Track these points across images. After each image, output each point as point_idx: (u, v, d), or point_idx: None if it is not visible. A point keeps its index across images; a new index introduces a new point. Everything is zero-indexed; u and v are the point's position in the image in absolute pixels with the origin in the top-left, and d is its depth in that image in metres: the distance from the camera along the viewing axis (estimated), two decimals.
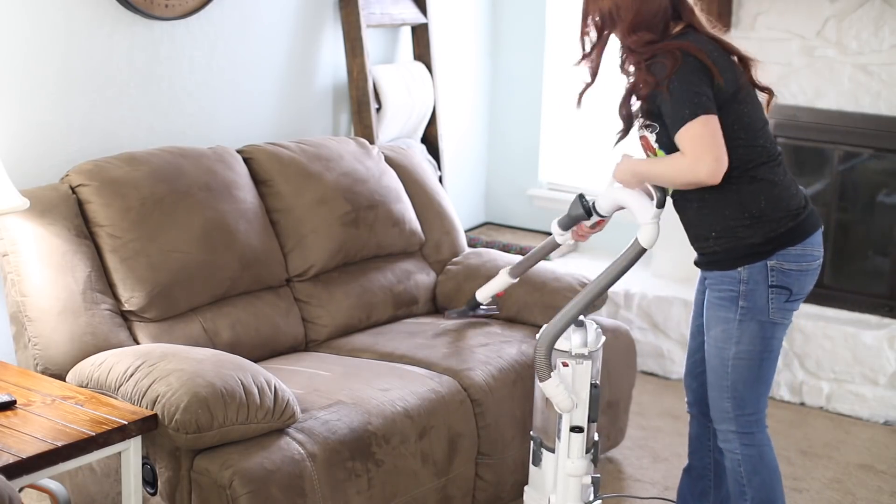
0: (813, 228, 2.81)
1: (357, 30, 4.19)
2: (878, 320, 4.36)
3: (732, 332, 2.80)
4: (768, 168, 2.77)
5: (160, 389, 2.73)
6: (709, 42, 2.74)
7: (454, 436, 3.17)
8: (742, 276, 2.76)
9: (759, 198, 2.75)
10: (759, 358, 2.81)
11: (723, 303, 2.81)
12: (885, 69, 4.26)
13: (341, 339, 3.59)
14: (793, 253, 2.76)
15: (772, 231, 2.75)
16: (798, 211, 2.79)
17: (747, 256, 2.76)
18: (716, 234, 2.79)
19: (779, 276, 2.76)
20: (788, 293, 2.78)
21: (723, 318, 2.81)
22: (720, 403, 2.86)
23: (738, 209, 2.75)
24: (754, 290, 2.76)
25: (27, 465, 2.45)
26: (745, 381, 2.82)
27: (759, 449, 2.87)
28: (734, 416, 2.85)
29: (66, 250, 3.08)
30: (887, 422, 4.24)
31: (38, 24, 3.26)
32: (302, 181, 3.63)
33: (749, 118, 2.75)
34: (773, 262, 2.75)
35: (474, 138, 5.24)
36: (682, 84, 2.63)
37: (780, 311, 2.79)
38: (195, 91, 3.75)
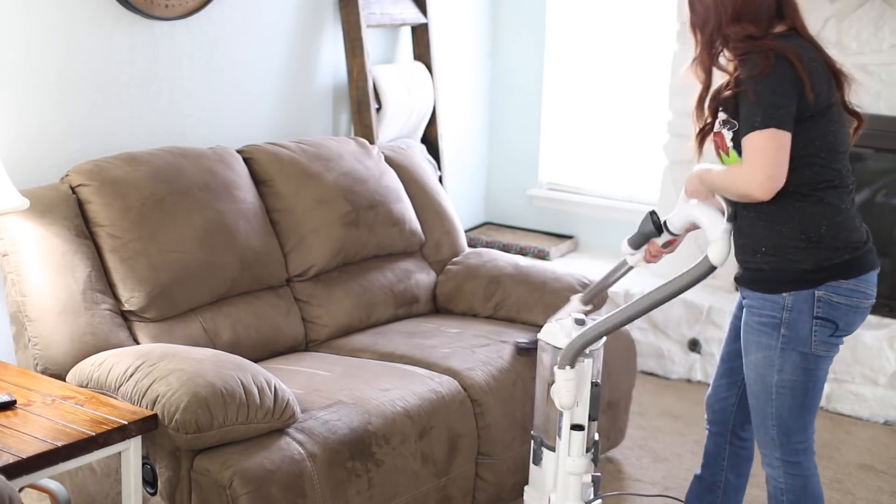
0: (870, 266, 2.66)
1: (357, 30, 4.19)
2: (878, 320, 4.36)
3: (774, 359, 2.65)
4: (837, 194, 2.61)
5: (160, 389, 2.73)
6: (811, 49, 2.60)
7: (454, 436, 3.17)
8: (786, 302, 2.61)
9: (821, 221, 2.59)
10: (804, 389, 2.66)
11: (764, 329, 2.65)
12: (885, 69, 4.26)
13: (341, 339, 3.59)
14: (844, 287, 2.60)
15: (826, 259, 2.59)
16: (858, 245, 2.63)
17: (795, 282, 2.60)
18: (765, 250, 2.63)
19: (826, 308, 2.60)
20: (834, 327, 2.62)
21: (764, 344, 2.66)
22: (765, 431, 2.73)
23: (796, 228, 2.59)
24: (797, 320, 2.61)
25: (27, 465, 2.45)
26: (790, 409, 2.68)
27: (805, 479, 2.74)
28: (779, 444, 2.72)
29: (66, 250, 3.08)
30: (887, 422, 4.24)
31: (39, 24, 3.26)
32: (302, 181, 3.63)
33: (834, 137, 2.60)
34: (822, 293, 2.59)
35: (474, 138, 5.24)
36: (767, 88, 2.49)
37: (825, 345, 2.64)
38: (195, 91, 3.75)
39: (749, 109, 2.50)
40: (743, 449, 3.00)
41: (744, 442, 2.99)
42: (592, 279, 3.80)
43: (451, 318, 3.80)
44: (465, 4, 5.00)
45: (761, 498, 3.62)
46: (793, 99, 2.50)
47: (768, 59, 2.50)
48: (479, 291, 3.83)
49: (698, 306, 4.53)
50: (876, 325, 4.31)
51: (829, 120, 2.59)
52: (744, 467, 3.01)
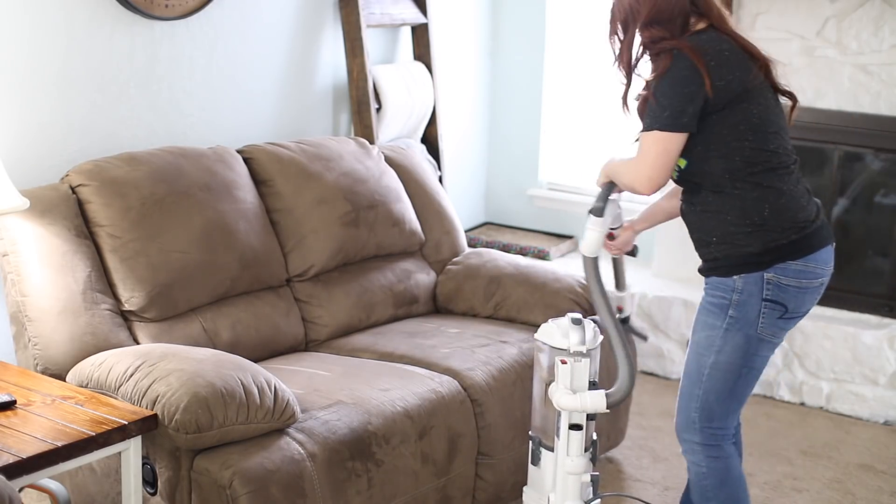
0: (820, 244, 2.71)
1: (357, 30, 4.19)
2: (878, 320, 4.36)
3: (716, 340, 2.72)
4: (776, 175, 2.69)
5: (160, 389, 2.73)
6: (724, 41, 2.67)
7: (454, 436, 3.17)
8: (736, 285, 2.68)
9: (763, 205, 2.67)
10: (737, 373, 2.72)
11: (712, 309, 2.73)
12: (885, 69, 4.26)
13: (341, 339, 3.59)
14: (793, 267, 2.67)
15: (772, 241, 2.66)
16: (805, 224, 2.69)
17: (744, 265, 2.68)
18: (717, 240, 2.72)
19: (775, 290, 2.67)
20: (783, 309, 2.69)
21: (710, 324, 2.73)
22: (688, 414, 2.79)
23: (740, 215, 2.67)
24: (746, 302, 2.68)
25: (27, 465, 2.45)
26: (717, 392, 2.74)
27: (726, 461, 2.79)
28: (699, 428, 2.77)
29: (66, 250, 3.08)
30: (887, 422, 4.24)
31: (39, 24, 3.26)
32: (302, 181, 3.63)
33: (759, 119, 2.67)
34: (770, 275, 2.66)
35: (474, 138, 5.24)
36: (661, 90, 2.62)
37: (771, 328, 2.70)
38: (195, 91, 3.75)
39: (649, 108, 2.66)
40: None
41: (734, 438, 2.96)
42: None
43: (451, 318, 3.79)
44: (465, 4, 5.00)
45: (761, 498, 3.63)
46: (689, 98, 2.61)
47: (667, 59, 2.62)
48: (479, 291, 3.83)
49: None
50: (876, 325, 4.31)
51: (750, 103, 2.65)
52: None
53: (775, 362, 4.42)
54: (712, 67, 2.61)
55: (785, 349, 4.39)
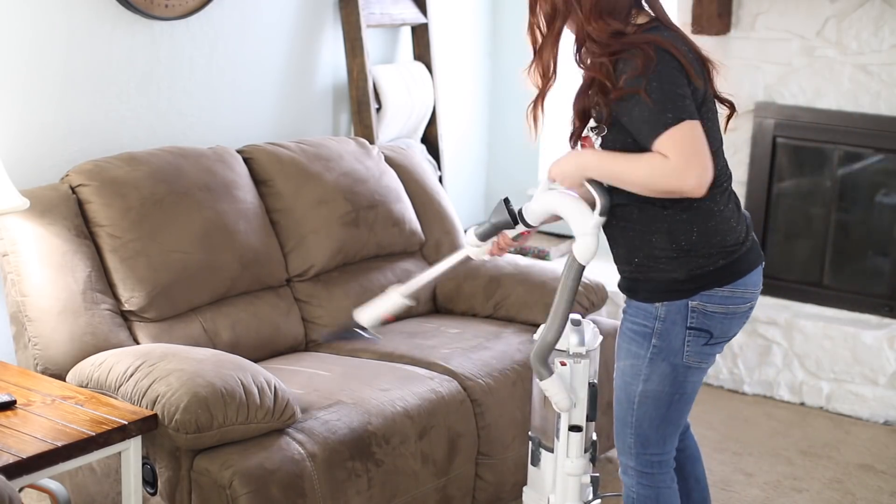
0: (748, 268, 2.50)
1: (357, 30, 4.19)
2: (878, 320, 4.36)
3: (641, 368, 2.53)
4: (710, 195, 2.39)
5: (160, 389, 2.73)
6: (680, 40, 2.41)
7: (454, 436, 3.17)
8: (659, 312, 2.48)
9: (692, 229, 2.42)
10: (668, 400, 2.55)
11: (635, 337, 2.54)
12: (885, 69, 4.26)
13: (341, 339, 3.59)
14: (720, 294, 2.46)
15: (698, 268, 2.44)
16: (734, 248, 2.47)
17: (667, 292, 2.46)
18: (638, 261, 2.50)
19: (699, 317, 2.47)
20: (708, 336, 2.49)
21: (633, 352, 2.55)
22: (624, 439, 2.65)
23: (666, 238, 2.44)
24: (670, 330, 2.48)
25: (27, 465, 2.46)
26: (650, 420, 2.58)
27: (657, 491, 2.66)
28: (636, 454, 2.64)
29: (66, 250, 3.08)
30: (887, 422, 4.24)
31: (39, 24, 3.26)
32: (302, 181, 3.63)
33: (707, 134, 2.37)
34: (696, 303, 2.45)
35: (474, 138, 5.24)
36: (663, 84, 2.30)
37: (697, 355, 2.51)
38: (195, 91, 3.75)
39: (649, 111, 2.29)
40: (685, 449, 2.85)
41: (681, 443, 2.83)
42: (592, 279, 3.80)
43: (451, 318, 3.79)
44: (465, 4, 4.99)
45: (761, 498, 3.63)
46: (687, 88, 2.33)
47: (647, 55, 2.30)
48: (479, 291, 3.83)
49: None
50: (876, 325, 4.31)
51: (703, 115, 2.38)
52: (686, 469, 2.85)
53: (775, 362, 4.42)
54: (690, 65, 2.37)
55: (785, 349, 4.39)
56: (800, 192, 4.61)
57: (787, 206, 4.60)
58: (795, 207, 4.60)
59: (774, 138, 4.52)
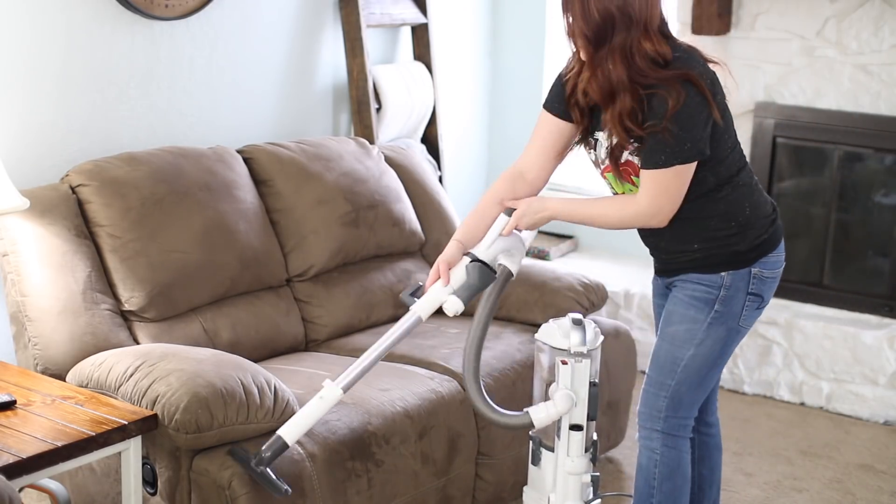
0: (782, 232, 2.79)
1: (357, 30, 4.19)
2: (878, 320, 4.36)
3: (698, 333, 2.72)
4: (746, 172, 2.72)
5: (160, 389, 2.73)
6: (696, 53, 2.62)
7: (454, 436, 3.17)
8: (725, 281, 2.69)
9: (745, 204, 2.69)
10: (714, 364, 2.75)
11: (696, 303, 2.71)
12: (885, 69, 4.26)
13: (341, 339, 3.59)
14: (771, 260, 2.73)
15: (757, 238, 2.71)
16: (773, 216, 2.76)
17: (731, 263, 2.69)
18: (698, 245, 2.71)
19: (758, 283, 2.72)
20: (761, 300, 2.75)
21: (691, 317, 2.72)
22: (655, 401, 2.78)
23: (724, 218, 2.68)
24: (734, 297, 2.70)
25: (27, 465, 2.46)
26: (690, 383, 2.75)
27: (680, 454, 2.79)
28: (664, 417, 2.77)
29: (66, 250, 3.08)
30: (887, 422, 4.24)
31: (39, 24, 3.26)
32: (302, 181, 3.63)
33: (728, 123, 2.67)
34: (756, 270, 2.71)
35: (474, 138, 5.24)
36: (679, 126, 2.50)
37: (749, 319, 2.75)
38: (195, 91, 3.75)
39: (656, 146, 2.52)
40: (710, 437, 2.99)
41: (710, 428, 2.99)
42: (592, 279, 3.80)
43: (451, 318, 3.78)
44: (465, 4, 5.00)
45: (761, 498, 3.63)
46: (705, 126, 2.55)
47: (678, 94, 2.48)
48: None
49: None
50: (876, 325, 4.31)
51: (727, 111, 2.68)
52: (714, 458, 3.00)
53: (775, 362, 4.42)
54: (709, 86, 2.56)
55: (785, 349, 4.39)
56: (800, 192, 4.61)
57: (787, 206, 4.60)
58: (795, 207, 4.60)
59: (774, 138, 4.52)
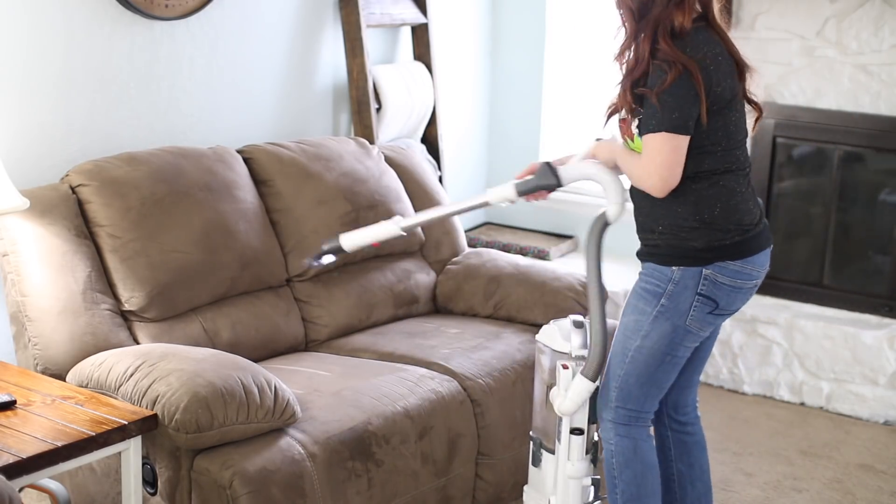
0: (759, 247, 2.75)
1: (357, 30, 4.19)
2: (878, 320, 4.36)
3: (644, 325, 2.74)
4: (734, 177, 2.72)
5: (160, 389, 2.73)
6: (718, 43, 2.67)
7: (454, 436, 3.17)
8: (674, 275, 2.70)
9: (716, 203, 2.69)
10: (660, 359, 2.75)
11: (645, 295, 2.75)
12: (885, 69, 4.26)
13: (341, 339, 3.59)
14: (731, 267, 2.70)
15: (717, 241, 2.69)
16: (749, 227, 2.73)
17: (685, 258, 2.70)
18: (662, 229, 2.72)
19: (710, 286, 2.69)
20: (714, 305, 2.72)
21: (640, 308, 2.75)
22: (607, 391, 2.81)
23: (691, 209, 2.69)
24: (681, 293, 2.70)
25: (27, 465, 2.45)
26: (637, 376, 2.77)
27: (635, 441, 2.80)
28: (615, 407, 2.79)
29: (66, 250, 3.08)
30: (887, 422, 4.24)
31: (38, 24, 3.26)
32: (302, 181, 3.63)
33: (734, 126, 2.71)
34: (709, 272, 2.69)
35: (474, 138, 5.24)
36: (669, 97, 2.58)
37: (700, 321, 2.73)
38: (195, 91, 3.75)
39: (650, 112, 2.61)
40: (687, 434, 3.00)
41: (685, 427, 3.00)
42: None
43: (451, 318, 3.79)
44: (465, 4, 4.99)
45: (761, 498, 3.63)
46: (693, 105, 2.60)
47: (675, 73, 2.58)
48: (479, 291, 3.83)
49: None
50: (876, 325, 4.31)
51: (732, 111, 2.69)
52: (694, 455, 3.00)
53: (775, 362, 4.42)
54: (711, 72, 2.61)
55: (785, 349, 4.39)
56: (800, 192, 4.61)
57: (787, 206, 4.60)
58: (795, 207, 4.60)
59: (774, 138, 4.52)
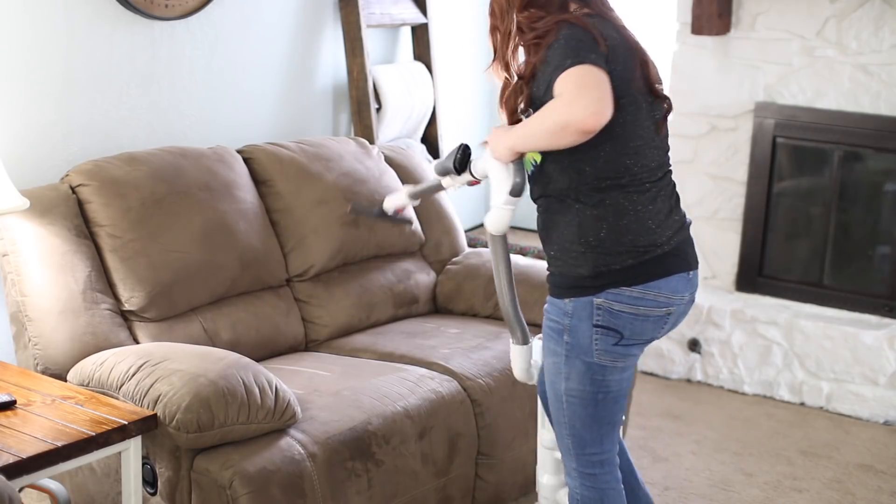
0: (664, 272, 2.44)
1: (357, 30, 4.19)
2: (878, 320, 4.36)
3: (561, 367, 2.51)
4: (624, 193, 2.42)
5: (162, 389, 2.73)
6: (611, 28, 2.43)
7: (454, 436, 3.17)
8: (567, 308, 2.47)
9: (601, 225, 2.42)
10: (593, 399, 2.50)
11: (551, 333, 2.52)
12: (885, 69, 4.26)
13: (341, 339, 3.59)
14: (627, 294, 2.42)
15: (604, 265, 2.41)
16: (646, 249, 2.43)
17: (573, 288, 2.45)
18: (553, 254, 2.51)
19: (606, 316, 2.43)
20: (618, 336, 2.45)
21: (552, 350, 2.53)
22: (562, 440, 2.60)
23: (575, 232, 2.44)
24: (578, 327, 2.45)
25: (27, 465, 2.45)
26: (581, 419, 2.53)
27: (601, 492, 2.59)
28: (574, 455, 2.58)
29: (66, 250, 3.08)
30: (887, 422, 4.24)
31: (39, 24, 3.26)
32: (302, 181, 3.63)
33: (622, 129, 2.39)
34: (601, 300, 2.42)
35: (474, 138, 5.23)
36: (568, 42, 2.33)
37: (608, 354, 2.46)
38: (195, 91, 3.75)
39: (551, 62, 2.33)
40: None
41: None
42: None
43: (451, 318, 3.80)
44: (465, 4, 4.99)
45: (761, 498, 3.63)
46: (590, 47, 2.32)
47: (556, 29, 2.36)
48: (479, 291, 3.83)
49: (698, 306, 4.53)
50: (876, 325, 4.31)
51: (621, 110, 2.36)
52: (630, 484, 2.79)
53: (775, 362, 4.42)
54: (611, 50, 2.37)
55: (785, 349, 4.39)
56: (800, 192, 4.61)
57: (787, 206, 4.60)
58: (795, 207, 4.60)
59: (774, 138, 4.52)
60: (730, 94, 4.55)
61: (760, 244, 4.61)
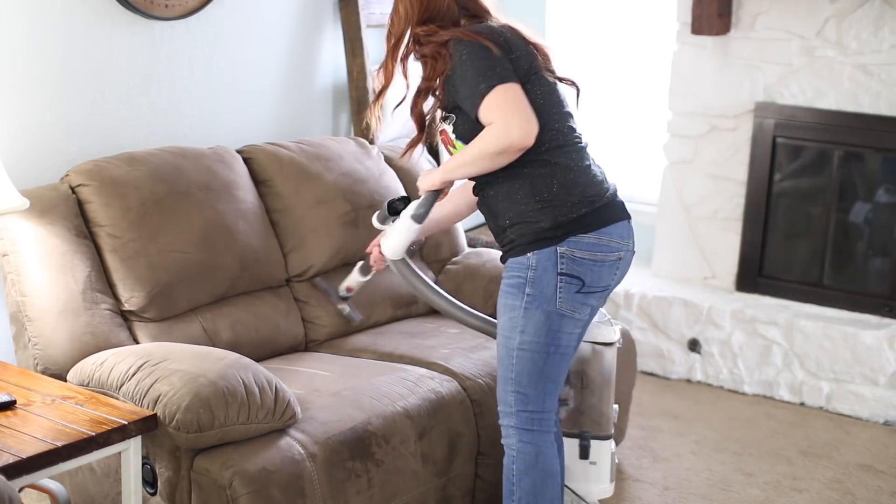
0: (613, 218, 2.73)
1: (357, 30, 4.19)
2: (878, 320, 4.36)
3: (518, 320, 2.70)
4: (563, 152, 2.70)
5: (162, 389, 2.73)
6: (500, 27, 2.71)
7: (454, 436, 3.17)
8: (531, 261, 2.67)
9: (552, 182, 2.67)
10: (545, 351, 2.70)
11: (511, 290, 2.72)
12: (885, 69, 4.25)
13: (341, 339, 3.59)
14: (586, 241, 2.67)
15: (562, 216, 2.66)
16: (595, 199, 2.70)
17: (537, 241, 2.67)
18: (510, 222, 2.71)
19: (569, 263, 2.66)
20: (580, 283, 2.68)
21: (510, 305, 2.72)
22: (505, 396, 2.77)
23: (529, 192, 2.67)
24: (542, 277, 2.67)
25: (27, 465, 2.46)
26: (529, 374, 2.72)
27: (537, 448, 2.76)
28: (515, 412, 2.75)
29: (66, 250, 3.08)
30: (887, 422, 4.24)
31: (38, 24, 3.26)
32: (302, 181, 3.63)
33: (543, 100, 2.68)
34: (564, 249, 2.66)
35: None
36: (472, 61, 2.61)
37: (570, 302, 2.69)
38: (195, 91, 3.75)
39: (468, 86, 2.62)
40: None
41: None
42: None
43: (450, 318, 3.79)
44: None
45: (761, 498, 3.63)
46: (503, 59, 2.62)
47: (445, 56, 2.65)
48: (479, 291, 3.83)
49: (698, 306, 4.53)
50: (876, 325, 4.31)
51: (534, 85, 2.67)
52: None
53: (775, 362, 4.42)
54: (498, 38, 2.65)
55: (785, 349, 4.39)
56: (800, 192, 4.61)
57: (787, 206, 4.60)
58: (795, 207, 4.60)
59: (774, 138, 4.52)
60: (730, 94, 4.55)
61: (760, 244, 4.60)
